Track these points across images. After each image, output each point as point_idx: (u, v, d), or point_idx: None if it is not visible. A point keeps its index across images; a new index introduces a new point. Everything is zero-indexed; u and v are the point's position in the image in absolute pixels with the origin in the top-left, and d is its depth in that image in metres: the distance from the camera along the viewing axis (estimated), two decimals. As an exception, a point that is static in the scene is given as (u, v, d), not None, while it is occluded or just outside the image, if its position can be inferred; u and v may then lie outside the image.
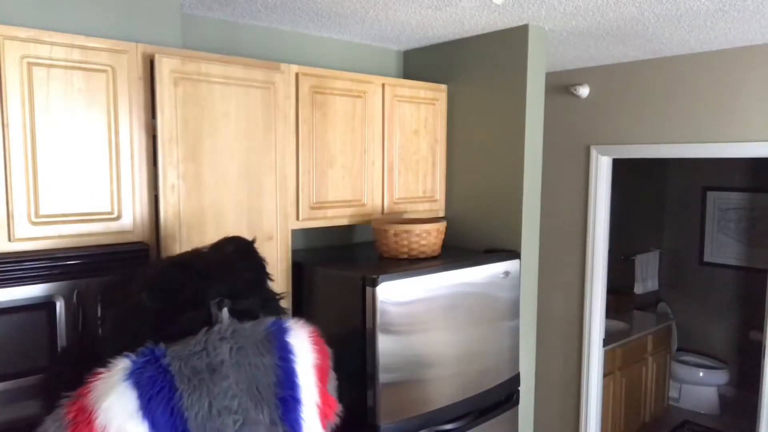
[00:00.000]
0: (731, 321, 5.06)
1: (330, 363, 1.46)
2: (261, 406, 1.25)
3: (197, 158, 1.97)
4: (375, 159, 2.56)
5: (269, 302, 1.45)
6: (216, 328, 1.28)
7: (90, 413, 1.14)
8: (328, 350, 1.47)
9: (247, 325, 1.31)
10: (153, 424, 1.15)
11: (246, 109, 2.09)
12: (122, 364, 1.20)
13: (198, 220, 1.99)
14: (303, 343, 1.37)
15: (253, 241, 1.58)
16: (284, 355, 1.32)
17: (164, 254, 1.92)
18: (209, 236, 2.01)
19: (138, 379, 1.17)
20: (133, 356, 1.21)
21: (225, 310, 1.31)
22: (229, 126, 2.05)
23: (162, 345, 1.23)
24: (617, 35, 2.73)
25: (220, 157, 2.03)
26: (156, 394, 1.17)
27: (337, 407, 1.45)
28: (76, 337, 1.71)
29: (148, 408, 1.15)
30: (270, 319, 1.36)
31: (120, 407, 1.14)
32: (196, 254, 1.48)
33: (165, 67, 1.87)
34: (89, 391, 1.16)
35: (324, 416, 1.38)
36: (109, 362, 1.20)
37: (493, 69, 2.69)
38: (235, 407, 1.22)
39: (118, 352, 1.23)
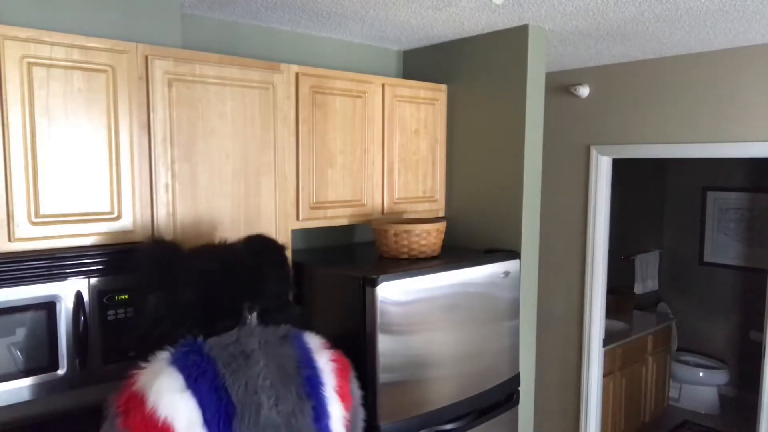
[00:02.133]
0: (731, 321, 5.06)
1: (350, 374, 1.59)
2: (289, 385, 1.41)
3: (191, 158, 1.97)
4: (375, 159, 2.56)
5: (291, 315, 1.63)
6: (244, 327, 1.47)
7: (140, 397, 1.27)
8: (348, 361, 1.61)
9: (270, 327, 1.50)
10: (200, 400, 1.28)
11: (243, 109, 2.09)
12: (164, 354, 1.35)
13: (193, 218, 1.99)
14: (316, 342, 1.55)
15: (284, 249, 1.75)
16: (302, 346, 1.51)
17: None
18: (205, 235, 2.02)
19: (183, 363, 1.32)
20: (172, 349, 1.36)
21: (254, 314, 1.52)
22: (225, 126, 2.05)
23: (201, 338, 1.40)
24: (617, 35, 2.73)
25: (215, 158, 2.03)
26: (201, 375, 1.31)
27: (353, 407, 1.58)
28: (77, 337, 1.71)
29: (195, 387, 1.29)
30: (287, 326, 1.54)
31: (168, 386, 1.27)
32: (234, 256, 1.61)
33: (158, 68, 1.87)
34: (136, 381, 1.30)
35: (345, 403, 1.52)
36: (150, 355, 1.36)
37: (493, 69, 2.69)
38: (268, 386, 1.37)
39: (156, 340, 1.41)
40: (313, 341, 1.54)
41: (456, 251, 2.60)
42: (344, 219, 2.47)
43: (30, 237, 1.68)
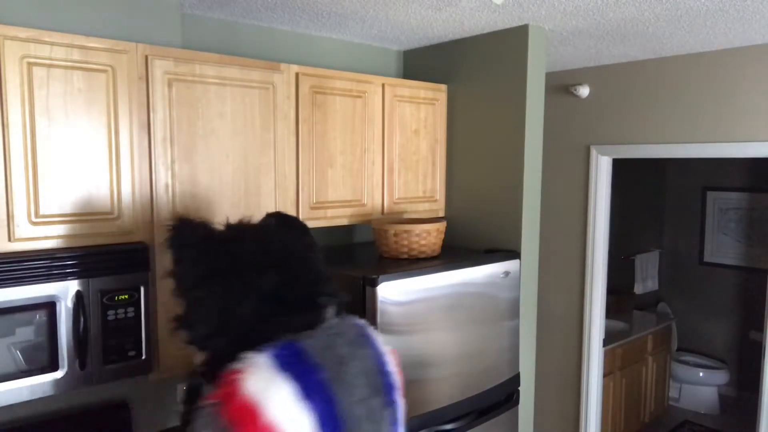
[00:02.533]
0: (731, 321, 5.06)
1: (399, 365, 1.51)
2: (375, 394, 1.29)
3: (191, 158, 1.97)
4: (375, 159, 2.56)
5: (342, 299, 1.47)
6: (326, 324, 1.31)
7: (253, 408, 1.09)
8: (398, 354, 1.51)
9: (346, 322, 1.37)
10: (317, 415, 1.14)
11: (243, 109, 2.09)
12: (265, 358, 1.16)
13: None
14: (379, 337, 1.42)
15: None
16: (375, 345, 1.37)
17: (159, 254, 1.92)
18: (209, 236, 2.01)
19: (294, 370, 1.16)
20: (272, 349, 1.18)
21: (332, 308, 1.36)
22: (225, 126, 2.05)
23: (298, 338, 1.23)
24: (617, 35, 2.73)
25: (215, 158, 2.03)
26: (311, 384, 1.17)
27: None
28: (77, 337, 1.71)
29: (311, 399, 1.15)
30: (353, 317, 1.41)
31: (285, 398, 1.12)
32: (289, 237, 1.41)
33: (158, 68, 1.87)
34: (241, 390, 1.11)
35: (405, 401, 1.43)
36: (244, 357, 1.16)
37: (493, 69, 2.69)
38: (364, 396, 1.25)
39: (233, 337, 1.21)
40: (377, 335, 1.42)
41: (456, 251, 2.60)
42: (344, 219, 2.47)
43: (30, 237, 1.68)
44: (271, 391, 1.11)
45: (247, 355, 1.16)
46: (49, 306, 1.67)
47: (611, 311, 4.41)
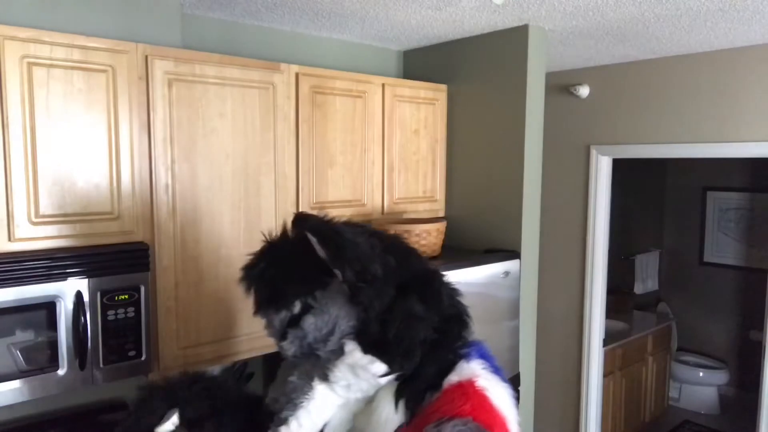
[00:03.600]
0: (731, 321, 5.06)
1: None
2: None
3: (191, 158, 1.97)
4: (375, 159, 2.56)
5: None
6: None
7: (505, 420, 1.10)
8: None
9: None
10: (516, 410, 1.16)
11: (243, 109, 2.09)
12: (480, 364, 1.16)
13: (193, 218, 1.99)
14: None
15: None
16: None
17: (159, 254, 1.92)
18: (204, 235, 2.02)
19: (499, 374, 1.18)
20: (474, 354, 1.19)
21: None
22: (225, 126, 2.05)
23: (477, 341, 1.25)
24: (617, 35, 2.73)
25: (215, 158, 2.03)
26: (509, 384, 1.19)
27: None
28: (77, 337, 1.71)
29: (515, 397, 1.18)
30: None
31: (513, 403, 1.14)
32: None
33: (158, 68, 1.87)
34: (491, 402, 1.10)
35: None
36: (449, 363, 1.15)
37: (493, 69, 2.69)
38: None
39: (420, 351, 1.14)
40: None
41: (456, 251, 2.60)
42: (344, 219, 2.46)
43: (30, 237, 1.68)
44: (506, 399, 1.13)
45: (463, 366, 1.14)
46: (49, 306, 1.67)
47: (611, 311, 4.40)
